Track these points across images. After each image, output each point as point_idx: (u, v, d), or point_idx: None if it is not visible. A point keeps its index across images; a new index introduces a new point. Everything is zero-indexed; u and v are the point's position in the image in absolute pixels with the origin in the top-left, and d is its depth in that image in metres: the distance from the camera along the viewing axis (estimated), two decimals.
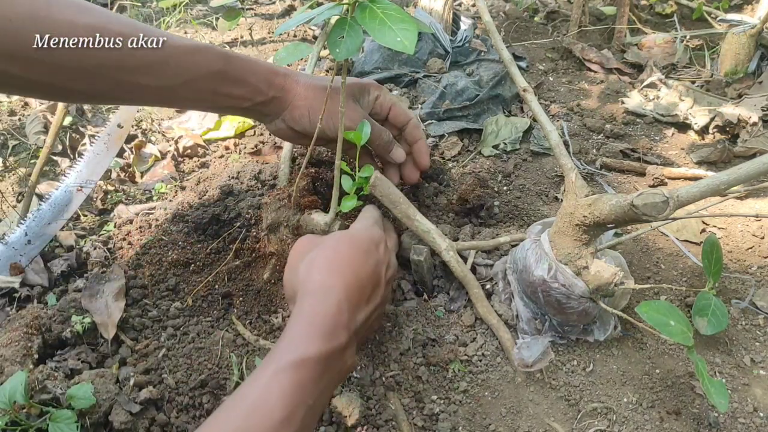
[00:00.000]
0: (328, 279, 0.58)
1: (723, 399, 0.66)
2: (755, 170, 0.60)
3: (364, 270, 0.61)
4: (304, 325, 0.53)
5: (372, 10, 0.59)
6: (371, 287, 0.61)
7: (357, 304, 0.58)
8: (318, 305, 0.55)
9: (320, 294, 0.57)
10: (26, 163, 1.14)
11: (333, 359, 0.52)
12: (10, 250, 0.88)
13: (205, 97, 0.71)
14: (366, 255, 0.63)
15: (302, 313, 0.55)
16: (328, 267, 0.60)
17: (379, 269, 0.63)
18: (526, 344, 0.75)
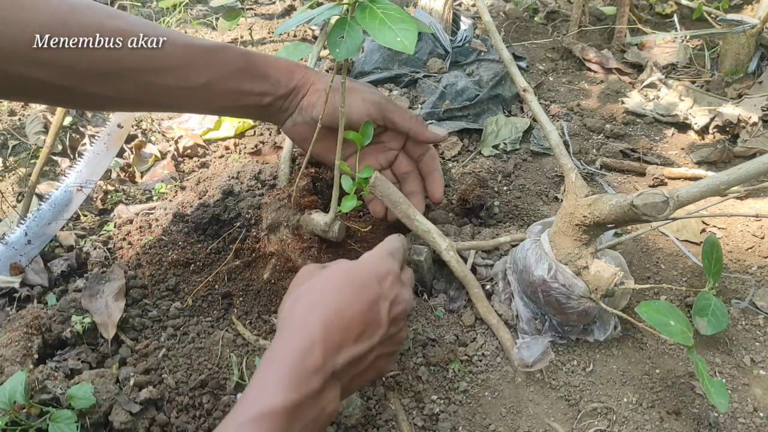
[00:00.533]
0: (307, 316, 0.52)
1: (723, 399, 0.66)
2: (755, 170, 0.60)
3: (352, 307, 0.54)
4: (273, 369, 0.48)
5: (372, 10, 0.59)
6: (362, 326, 0.54)
7: (338, 345, 0.51)
8: (288, 347, 0.50)
9: (294, 333, 0.51)
10: (26, 163, 1.14)
11: (304, 407, 0.47)
12: (10, 250, 0.88)
13: (227, 96, 0.71)
14: (362, 291, 0.56)
15: (273, 354, 0.50)
16: (311, 303, 0.54)
17: (377, 306, 0.56)
18: (526, 344, 0.75)
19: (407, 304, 0.60)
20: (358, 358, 0.53)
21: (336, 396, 0.51)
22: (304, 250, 0.82)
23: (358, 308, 0.54)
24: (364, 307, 0.55)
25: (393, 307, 0.58)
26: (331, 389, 0.50)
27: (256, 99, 0.73)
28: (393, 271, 0.60)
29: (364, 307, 0.55)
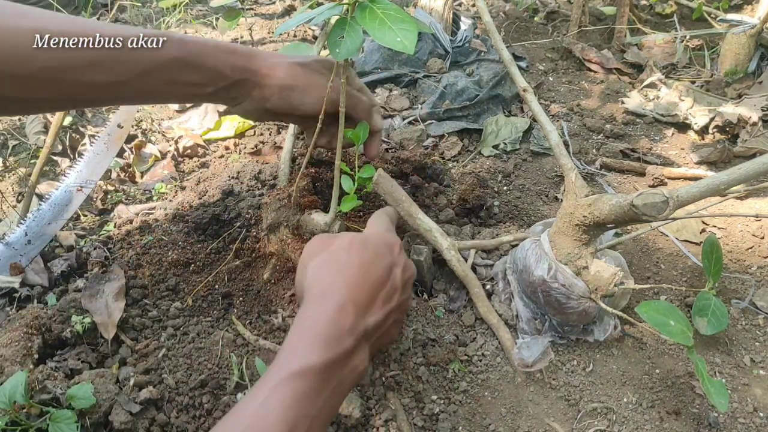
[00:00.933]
0: (335, 282, 0.56)
1: (723, 399, 0.66)
2: (755, 170, 0.60)
3: (375, 272, 0.58)
4: (306, 331, 0.50)
5: (372, 10, 0.59)
6: (384, 290, 0.58)
7: (366, 307, 0.55)
8: (321, 309, 0.52)
9: (324, 297, 0.54)
10: (26, 163, 1.14)
11: (338, 366, 0.49)
12: (11, 250, 0.88)
13: (162, 89, 0.67)
14: (378, 257, 0.60)
15: (304, 318, 0.52)
16: (337, 269, 0.57)
17: (394, 272, 0.60)
18: (526, 344, 0.75)
19: (413, 270, 0.65)
20: (381, 320, 0.56)
21: (366, 356, 0.53)
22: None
23: (379, 273, 0.58)
24: (384, 273, 0.59)
25: (404, 272, 0.62)
26: (361, 349, 0.52)
27: (196, 89, 0.69)
28: (398, 241, 0.65)
29: (384, 273, 0.59)
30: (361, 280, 0.56)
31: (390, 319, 0.58)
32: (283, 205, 0.82)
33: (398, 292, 0.60)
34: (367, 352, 0.54)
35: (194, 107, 1.29)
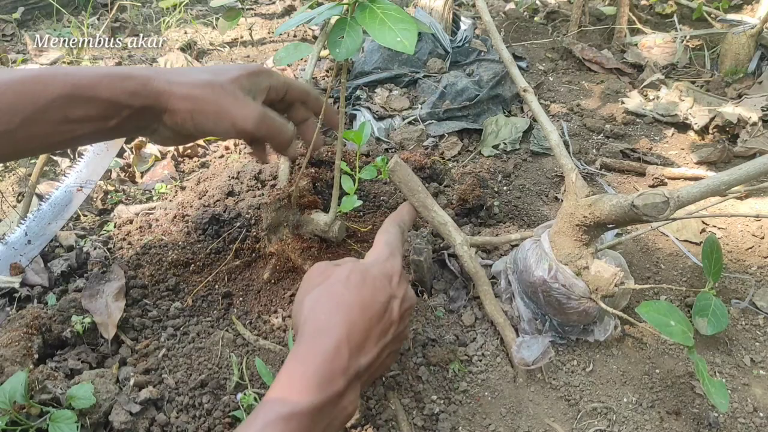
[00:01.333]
0: (331, 319, 0.54)
1: (723, 399, 0.66)
2: (755, 170, 0.60)
3: (372, 308, 0.56)
4: (298, 371, 0.49)
5: (372, 10, 0.59)
6: (380, 326, 0.56)
7: (361, 346, 0.53)
8: (315, 349, 0.51)
9: (319, 336, 0.52)
10: (26, 163, 1.14)
11: (327, 409, 0.48)
12: (10, 250, 0.88)
13: (57, 131, 0.60)
14: (377, 291, 0.58)
15: (298, 356, 0.51)
16: (333, 305, 0.55)
17: (392, 305, 0.58)
18: (526, 344, 0.75)
19: (413, 300, 0.62)
20: (375, 357, 0.54)
21: (356, 397, 0.52)
22: (304, 250, 0.82)
23: (376, 308, 0.56)
24: (381, 308, 0.57)
25: (402, 303, 0.60)
26: (352, 390, 0.51)
27: (97, 124, 0.62)
28: (398, 269, 0.62)
29: (382, 308, 0.57)
30: (358, 318, 0.54)
31: (385, 353, 0.57)
32: (283, 205, 0.82)
33: (395, 325, 0.58)
34: (358, 391, 0.53)
35: None
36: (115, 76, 0.62)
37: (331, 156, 0.99)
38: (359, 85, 1.28)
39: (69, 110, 0.59)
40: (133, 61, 1.45)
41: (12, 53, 1.49)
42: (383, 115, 1.22)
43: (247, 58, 1.50)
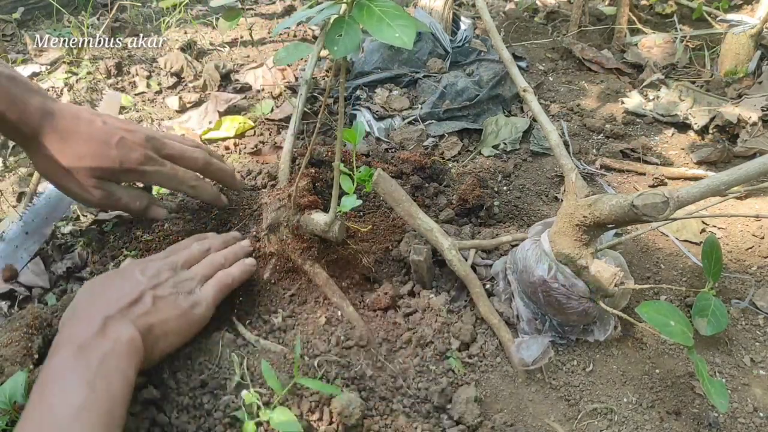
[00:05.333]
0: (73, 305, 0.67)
1: (723, 399, 0.66)
2: (755, 170, 0.60)
3: (104, 281, 0.70)
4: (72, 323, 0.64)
5: (370, 8, 0.59)
6: (118, 286, 0.68)
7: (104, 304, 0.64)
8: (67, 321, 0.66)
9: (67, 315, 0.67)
10: (26, 163, 1.14)
11: (95, 341, 0.59)
12: (10, 246, 0.88)
13: None
14: (112, 275, 0.72)
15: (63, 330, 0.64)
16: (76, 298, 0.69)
17: (129, 271, 0.70)
18: (526, 344, 0.75)
19: (159, 264, 0.72)
20: (129, 303, 0.65)
21: (126, 328, 0.62)
22: (304, 250, 0.82)
23: (109, 284, 0.69)
24: (115, 281, 0.69)
25: (146, 269, 0.70)
26: (114, 326, 0.62)
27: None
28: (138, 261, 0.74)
29: (116, 281, 0.69)
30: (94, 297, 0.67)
31: (146, 298, 0.67)
32: (283, 205, 0.82)
33: (138, 283, 0.68)
34: (128, 326, 0.63)
35: (195, 107, 1.29)
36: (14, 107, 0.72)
37: (331, 156, 0.99)
38: (359, 85, 1.28)
39: None
40: (133, 61, 1.45)
41: (12, 53, 1.49)
42: (383, 115, 1.22)
43: (247, 58, 1.50)
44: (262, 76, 1.38)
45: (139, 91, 1.35)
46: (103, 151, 0.76)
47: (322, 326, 0.79)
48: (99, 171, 0.76)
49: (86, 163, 0.74)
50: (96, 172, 0.75)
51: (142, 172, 0.80)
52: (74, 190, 0.79)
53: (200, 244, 0.80)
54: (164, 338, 0.68)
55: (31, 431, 0.53)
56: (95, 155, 0.75)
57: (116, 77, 1.39)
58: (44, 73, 1.39)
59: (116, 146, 0.77)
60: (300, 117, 0.94)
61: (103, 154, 0.76)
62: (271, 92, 1.33)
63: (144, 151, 0.80)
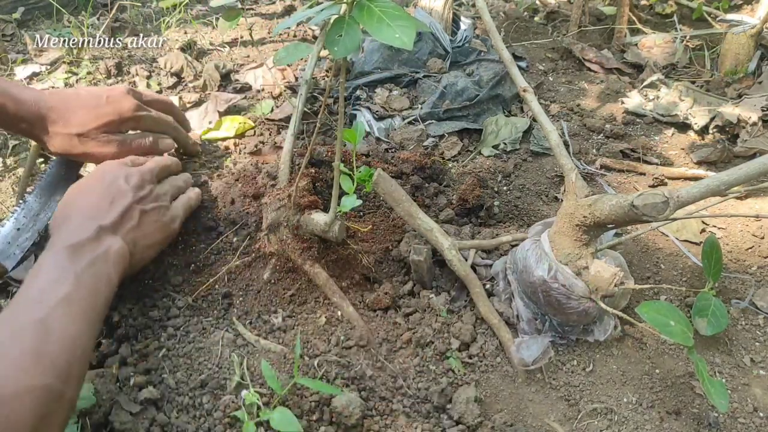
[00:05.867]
0: (64, 207, 0.75)
1: (723, 399, 0.66)
2: (755, 170, 0.60)
3: (94, 189, 0.75)
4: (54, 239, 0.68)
5: (370, 8, 0.59)
6: (108, 197, 0.74)
7: (96, 211, 0.71)
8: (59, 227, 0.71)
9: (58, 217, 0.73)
10: (26, 164, 1.14)
11: (86, 246, 0.66)
12: (3, 244, 0.87)
13: None
14: (96, 180, 0.77)
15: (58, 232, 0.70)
16: (65, 201, 0.76)
17: (116, 182, 0.76)
18: (526, 344, 0.75)
19: (140, 174, 0.79)
20: (120, 216, 0.72)
21: (116, 240, 0.70)
22: (304, 250, 0.82)
23: (99, 190, 0.75)
24: (104, 188, 0.75)
25: (128, 178, 0.77)
26: (106, 237, 0.69)
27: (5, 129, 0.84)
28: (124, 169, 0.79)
29: (104, 188, 0.75)
30: (84, 200, 0.74)
31: (134, 212, 0.74)
32: (283, 205, 0.82)
33: (128, 192, 0.75)
34: (118, 239, 0.70)
35: (195, 107, 1.29)
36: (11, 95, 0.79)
37: (330, 156, 0.99)
38: (359, 85, 1.28)
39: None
40: (133, 61, 1.45)
41: (12, 53, 1.48)
42: (383, 115, 1.22)
43: (247, 58, 1.50)
44: (262, 76, 1.38)
45: None
46: (100, 111, 0.85)
47: (322, 326, 0.79)
48: (104, 127, 0.84)
49: (92, 125, 0.83)
50: (102, 129, 0.84)
51: (137, 119, 0.89)
52: (94, 151, 0.86)
53: (161, 160, 0.88)
54: (146, 249, 0.76)
55: (20, 309, 0.58)
56: (96, 116, 0.84)
57: (116, 77, 1.39)
58: (44, 73, 1.39)
59: (107, 103, 0.86)
60: (300, 117, 0.94)
61: (101, 113, 0.85)
62: (271, 92, 1.33)
63: (131, 100, 0.89)
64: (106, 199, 0.74)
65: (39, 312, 0.57)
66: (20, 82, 1.37)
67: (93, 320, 0.62)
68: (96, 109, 0.85)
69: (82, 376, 0.58)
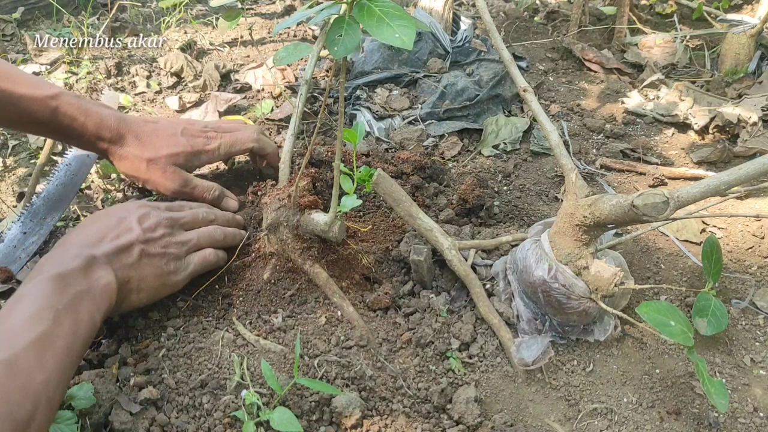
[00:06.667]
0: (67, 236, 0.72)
1: (723, 399, 0.66)
2: (755, 170, 0.60)
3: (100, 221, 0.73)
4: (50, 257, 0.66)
5: (370, 8, 0.59)
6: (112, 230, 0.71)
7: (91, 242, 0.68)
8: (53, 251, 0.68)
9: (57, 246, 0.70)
10: (26, 163, 1.14)
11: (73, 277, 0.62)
12: (9, 247, 0.88)
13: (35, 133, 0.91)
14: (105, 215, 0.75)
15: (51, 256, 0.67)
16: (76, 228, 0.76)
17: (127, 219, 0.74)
18: (526, 344, 0.75)
19: (159, 218, 0.76)
20: (117, 249, 0.69)
21: (106, 274, 0.66)
22: (304, 250, 0.82)
23: (105, 222, 0.73)
24: (112, 221, 0.73)
25: (141, 219, 0.74)
26: (96, 268, 0.65)
27: (74, 143, 0.85)
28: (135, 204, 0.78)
29: (112, 221, 0.73)
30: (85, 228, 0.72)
31: (134, 251, 0.71)
32: (283, 205, 0.82)
33: (135, 231, 0.72)
34: (109, 271, 0.66)
35: (195, 107, 1.29)
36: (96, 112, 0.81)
37: (331, 156, 0.99)
38: (359, 85, 1.28)
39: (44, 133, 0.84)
40: (133, 61, 1.45)
41: (12, 53, 1.48)
42: (383, 115, 1.22)
43: (247, 58, 1.50)
44: (262, 76, 1.38)
45: (139, 91, 1.35)
46: (174, 140, 0.86)
47: (322, 326, 0.79)
48: (174, 157, 0.85)
49: (164, 152, 0.84)
50: (172, 158, 0.85)
51: (210, 151, 0.90)
52: (158, 180, 0.87)
53: (208, 212, 0.85)
54: (137, 293, 0.71)
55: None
56: (169, 145, 0.85)
57: (116, 77, 1.39)
58: (44, 73, 1.39)
59: (182, 135, 0.88)
60: (300, 117, 0.94)
61: (175, 143, 0.86)
62: (271, 92, 1.33)
63: (206, 134, 0.90)
64: (112, 232, 0.71)
65: (6, 351, 0.52)
66: None
67: (66, 366, 0.56)
68: (170, 138, 0.86)
69: (46, 424, 0.53)
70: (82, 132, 0.82)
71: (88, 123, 0.81)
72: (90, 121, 0.81)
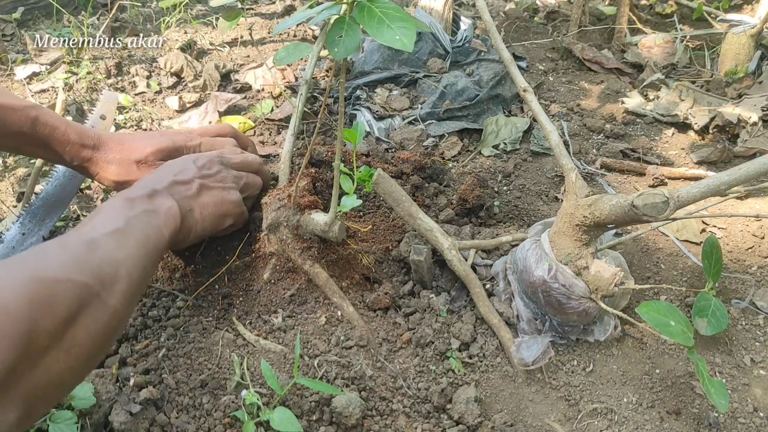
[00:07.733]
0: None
1: (723, 399, 0.66)
2: (755, 170, 0.60)
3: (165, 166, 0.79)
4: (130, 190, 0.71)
5: (370, 9, 0.59)
6: (174, 168, 0.78)
7: (156, 179, 0.74)
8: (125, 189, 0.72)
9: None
10: (25, 164, 1.14)
11: (139, 201, 0.68)
12: (8, 248, 0.87)
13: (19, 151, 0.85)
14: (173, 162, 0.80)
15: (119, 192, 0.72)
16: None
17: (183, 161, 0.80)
18: (526, 344, 0.75)
19: (211, 156, 0.83)
20: (177, 183, 0.75)
21: (168, 200, 0.71)
22: (304, 250, 0.82)
23: (167, 169, 0.78)
24: (172, 167, 0.78)
25: (198, 159, 0.81)
26: (159, 196, 0.71)
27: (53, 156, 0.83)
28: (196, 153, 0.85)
29: (172, 167, 0.79)
30: (150, 175, 0.76)
31: (193, 185, 0.76)
32: (283, 205, 0.82)
33: (191, 170, 0.78)
34: (171, 199, 0.71)
35: (195, 107, 1.29)
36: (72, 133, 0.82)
37: (330, 156, 0.99)
38: (359, 85, 1.28)
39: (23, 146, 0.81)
40: (133, 61, 1.45)
41: (12, 53, 1.49)
42: (383, 115, 1.22)
43: (247, 58, 1.50)
44: (262, 76, 1.38)
45: (139, 91, 1.35)
46: (156, 139, 0.88)
47: (322, 326, 0.79)
48: (159, 153, 0.86)
49: (149, 150, 0.86)
50: (158, 154, 0.86)
51: (192, 147, 0.91)
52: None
53: (254, 160, 0.91)
54: (201, 222, 0.76)
55: (72, 233, 0.59)
56: (152, 143, 0.87)
57: (116, 77, 1.39)
58: (44, 73, 1.39)
59: (161, 135, 0.90)
60: (300, 117, 0.94)
61: (158, 141, 0.88)
62: (271, 92, 1.33)
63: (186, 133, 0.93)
64: (171, 172, 0.77)
65: (89, 234, 0.58)
66: (20, 82, 1.37)
67: (141, 256, 0.61)
68: (152, 138, 0.89)
69: (129, 294, 0.57)
70: (64, 140, 0.82)
71: (70, 132, 0.82)
72: (71, 130, 0.82)
